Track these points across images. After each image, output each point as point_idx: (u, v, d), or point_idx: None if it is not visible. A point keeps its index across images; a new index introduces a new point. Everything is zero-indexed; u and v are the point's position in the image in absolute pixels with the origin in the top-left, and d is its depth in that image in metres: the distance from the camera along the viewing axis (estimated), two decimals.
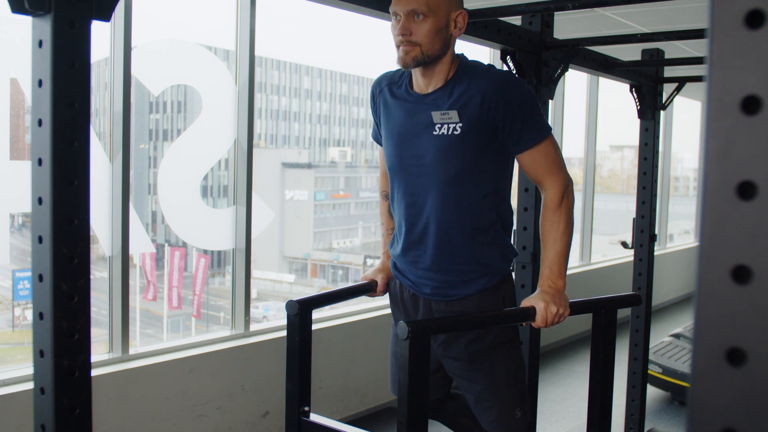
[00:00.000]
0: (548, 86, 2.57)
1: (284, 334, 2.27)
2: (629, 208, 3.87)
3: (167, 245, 8.95)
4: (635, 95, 3.46)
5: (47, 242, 1.14)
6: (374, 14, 2.24)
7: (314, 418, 1.96)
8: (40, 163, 1.15)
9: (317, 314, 3.49)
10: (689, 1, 3.79)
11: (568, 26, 4.37)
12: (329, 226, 21.29)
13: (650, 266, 3.50)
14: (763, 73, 0.44)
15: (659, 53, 3.31)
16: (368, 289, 2.16)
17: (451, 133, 1.83)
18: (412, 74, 1.92)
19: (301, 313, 1.93)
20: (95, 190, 2.84)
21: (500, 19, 2.35)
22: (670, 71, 4.73)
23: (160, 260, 8.72)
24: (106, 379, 2.84)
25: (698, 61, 3.20)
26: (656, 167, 3.48)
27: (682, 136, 8.69)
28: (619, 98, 5.56)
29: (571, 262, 6.83)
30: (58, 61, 1.12)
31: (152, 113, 14.17)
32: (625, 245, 3.60)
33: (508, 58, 2.49)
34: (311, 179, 20.28)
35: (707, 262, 0.46)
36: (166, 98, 14.72)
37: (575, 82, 6.23)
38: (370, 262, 16.00)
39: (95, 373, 2.78)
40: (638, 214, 3.50)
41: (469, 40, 2.43)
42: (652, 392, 4.38)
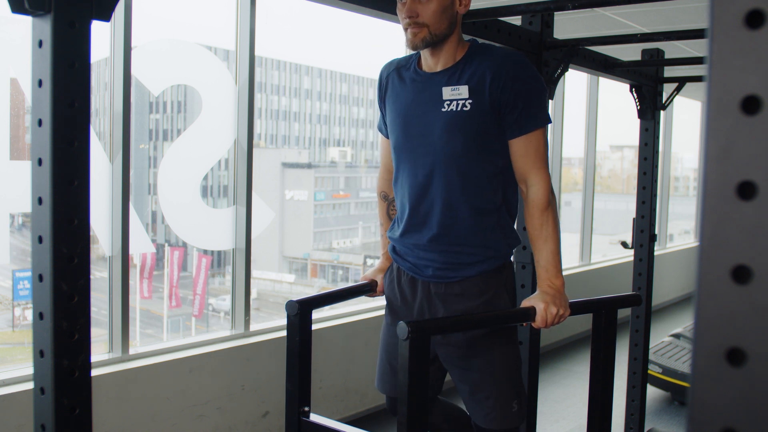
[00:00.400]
0: (548, 86, 2.57)
1: (284, 334, 2.27)
2: (629, 208, 3.86)
3: (167, 245, 8.95)
4: (635, 95, 3.46)
5: (47, 242, 1.14)
6: (374, 14, 2.24)
7: (314, 418, 1.96)
8: (40, 163, 1.15)
9: (317, 314, 3.49)
10: (689, 1, 3.79)
11: (568, 26, 4.37)
12: (329, 226, 21.27)
13: (650, 266, 3.50)
14: (763, 73, 0.44)
15: (659, 53, 3.31)
16: (368, 289, 2.16)
17: (460, 109, 1.82)
18: (420, 56, 1.93)
19: (301, 313, 1.93)
20: (95, 190, 2.84)
21: (500, 19, 2.35)
22: (670, 71, 4.74)
23: (160, 260, 8.72)
24: (106, 379, 2.84)
25: (698, 61, 3.20)
26: (656, 167, 3.48)
27: (682, 136, 8.69)
28: (619, 98, 5.56)
29: (571, 262, 6.80)
30: (58, 61, 1.12)
31: (152, 113, 14.16)
32: (625, 245, 3.60)
33: None
34: (311, 179, 20.26)
35: (707, 262, 0.46)
36: (166, 98, 14.71)
37: (575, 82, 6.23)
38: (370, 262, 15.98)
39: (95, 373, 2.79)
40: (638, 214, 3.50)
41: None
42: (652, 392, 4.38)
